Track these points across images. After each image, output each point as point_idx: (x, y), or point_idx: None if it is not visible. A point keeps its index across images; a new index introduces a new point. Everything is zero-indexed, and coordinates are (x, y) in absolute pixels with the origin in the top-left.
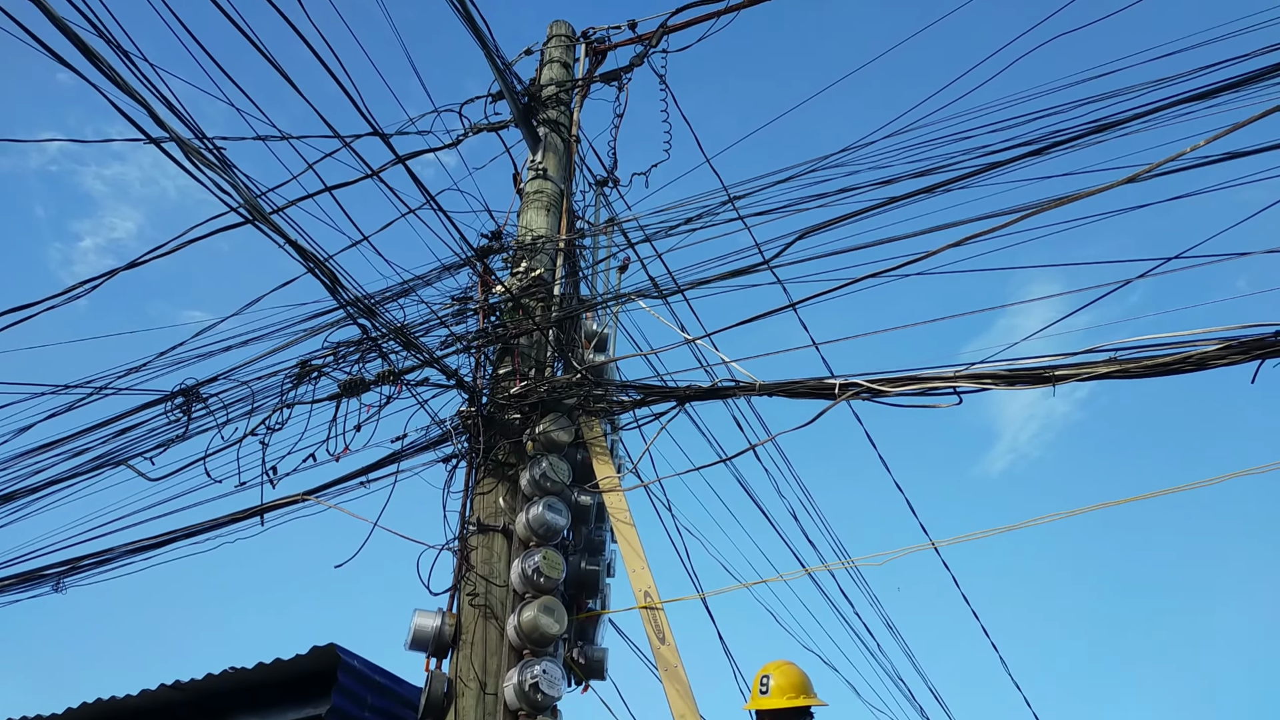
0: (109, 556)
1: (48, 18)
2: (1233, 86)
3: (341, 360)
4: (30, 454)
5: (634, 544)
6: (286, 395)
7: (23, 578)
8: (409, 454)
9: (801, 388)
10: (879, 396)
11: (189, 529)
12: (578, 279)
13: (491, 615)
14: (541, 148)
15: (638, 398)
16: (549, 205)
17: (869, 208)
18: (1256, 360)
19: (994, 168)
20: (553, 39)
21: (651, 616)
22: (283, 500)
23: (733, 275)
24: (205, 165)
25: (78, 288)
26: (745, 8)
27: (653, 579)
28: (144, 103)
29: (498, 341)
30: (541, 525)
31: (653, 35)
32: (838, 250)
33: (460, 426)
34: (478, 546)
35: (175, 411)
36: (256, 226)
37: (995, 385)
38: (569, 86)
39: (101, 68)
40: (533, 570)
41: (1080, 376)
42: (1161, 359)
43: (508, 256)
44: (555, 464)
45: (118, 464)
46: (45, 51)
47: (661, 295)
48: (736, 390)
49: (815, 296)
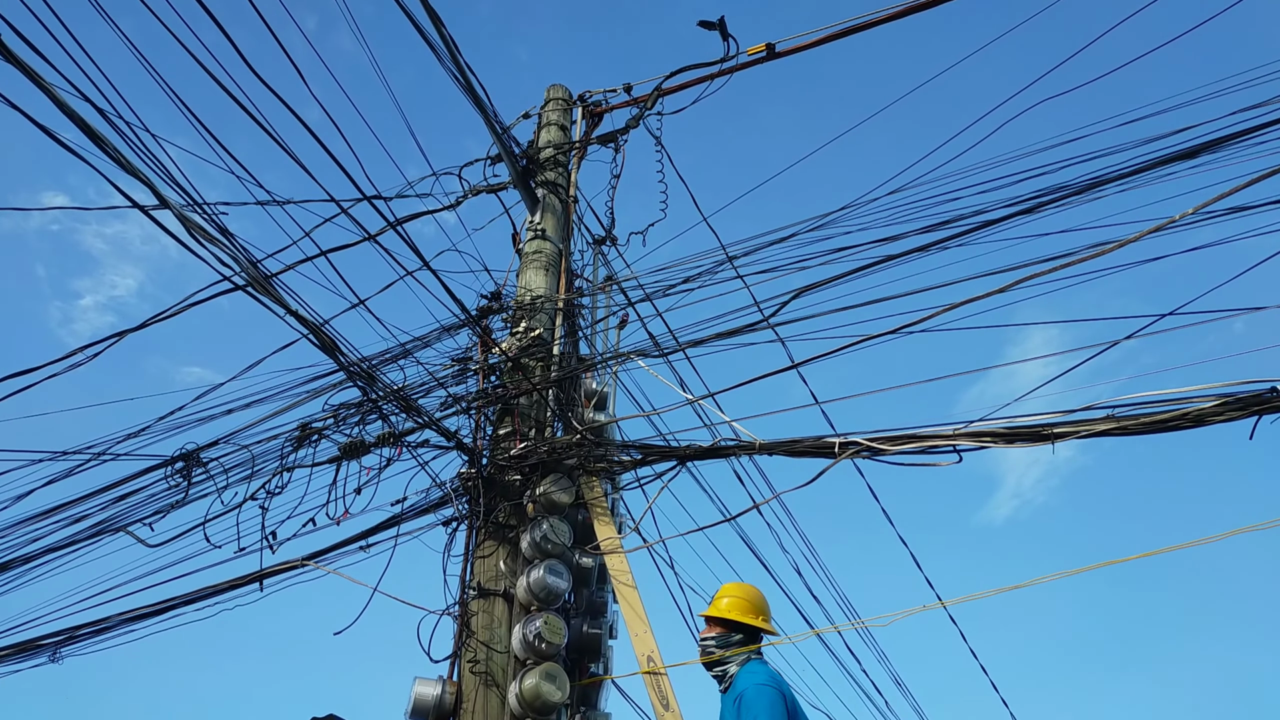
0: (107, 625)
1: (49, 99)
2: (1215, 144)
3: (341, 423)
4: (28, 521)
5: (636, 607)
6: (286, 458)
7: (19, 648)
8: (409, 517)
9: (802, 447)
10: (879, 455)
11: (188, 596)
12: (577, 338)
13: (492, 683)
14: (540, 208)
15: (638, 457)
16: (548, 265)
17: (865, 266)
18: (1254, 416)
19: (989, 225)
20: (550, 102)
21: (655, 682)
22: (282, 565)
23: (731, 334)
24: (204, 237)
25: (78, 353)
26: (738, 71)
27: (655, 643)
28: (143, 178)
29: (497, 402)
30: (543, 589)
31: (648, 98)
32: (836, 309)
33: (460, 488)
34: (478, 612)
35: (175, 476)
36: (256, 298)
37: (995, 443)
38: (566, 149)
39: (103, 145)
40: (534, 636)
41: (1079, 434)
42: (1160, 415)
43: (507, 316)
44: (556, 526)
45: (117, 530)
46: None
47: (662, 353)
48: (737, 449)
49: (817, 357)
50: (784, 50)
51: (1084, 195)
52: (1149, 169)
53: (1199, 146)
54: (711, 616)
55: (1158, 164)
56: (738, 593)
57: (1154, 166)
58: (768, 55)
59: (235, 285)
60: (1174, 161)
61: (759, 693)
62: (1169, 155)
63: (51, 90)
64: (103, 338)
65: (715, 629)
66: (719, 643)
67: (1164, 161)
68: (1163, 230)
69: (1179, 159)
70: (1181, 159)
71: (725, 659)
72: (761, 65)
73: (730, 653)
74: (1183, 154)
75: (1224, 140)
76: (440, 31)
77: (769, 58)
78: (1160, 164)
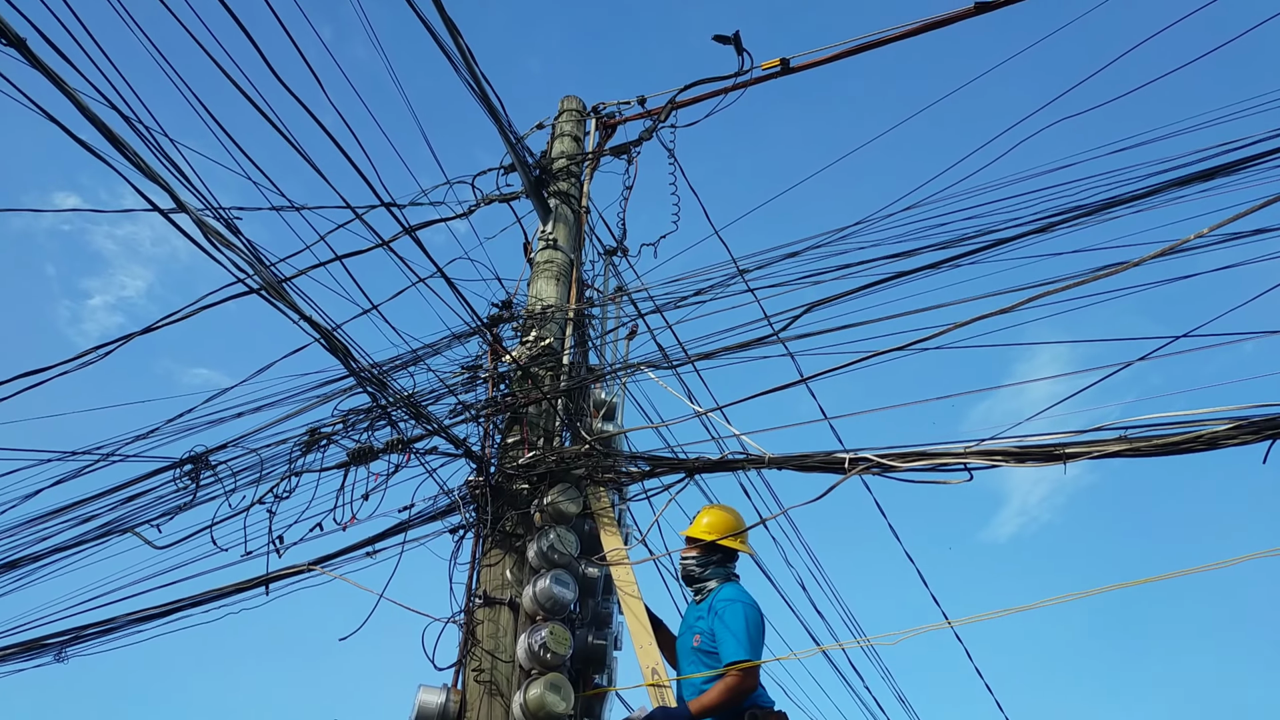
0: (113, 626)
1: (69, 99)
2: (1230, 168)
3: (350, 428)
4: (36, 521)
5: (641, 619)
6: (295, 463)
7: (25, 646)
8: (416, 524)
9: (812, 462)
10: (889, 472)
11: (194, 598)
12: (586, 348)
13: (497, 692)
14: (552, 218)
15: (647, 468)
16: (559, 275)
17: (877, 282)
18: (1268, 440)
19: (1001, 243)
20: (564, 113)
21: (659, 694)
22: (289, 570)
23: (741, 347)
24: (219, 241)
25: (90, 353)
26: (752, 85)
27: (660, 655)
28: (161, 181)
29: (506, 410)
30: (549, 599)
31: (662, 110)
32: (847, 324)
33: (468, 496)
34: (484, 620)
35: (183, 479)
36: (270, 302)
37: (1006, 463)
38: (579, 160)
39: (122, 149)
40: (539, 646)
41: (1091, 454)
42: (1172, 438)
43: (517, 325)
44: (563, 535)
45: (124, 531)
46: (64, 131)
47: (671, 365)
48: (746, 463)
49: (827, 372)
50: (799, 65)
51: (1098, 215)
52: (1163, 190)
53: (1214, 169)
54: (692, 537)
55: (1172, 185)
56: (717, 515)
57: (1168, 188)
58: (782, 70)
59: (249, 288)
60: (1189, 183)
61: (744, 608)
62: (1184, 177)
63: (73, 94)
64: (113, 339)
65: (695, 549)
66: (699, 562)
67: (1179, 183)
68: (1175, 252)
69: (1194, 181)
70: (1196, 181)
71: (705, 576)
72: (775, 80)
73: (708, 571)
74: (1198, 176)
75: (1239, 163)
76: (456, 40)
77: (784, 72)
78: (1175, 185)
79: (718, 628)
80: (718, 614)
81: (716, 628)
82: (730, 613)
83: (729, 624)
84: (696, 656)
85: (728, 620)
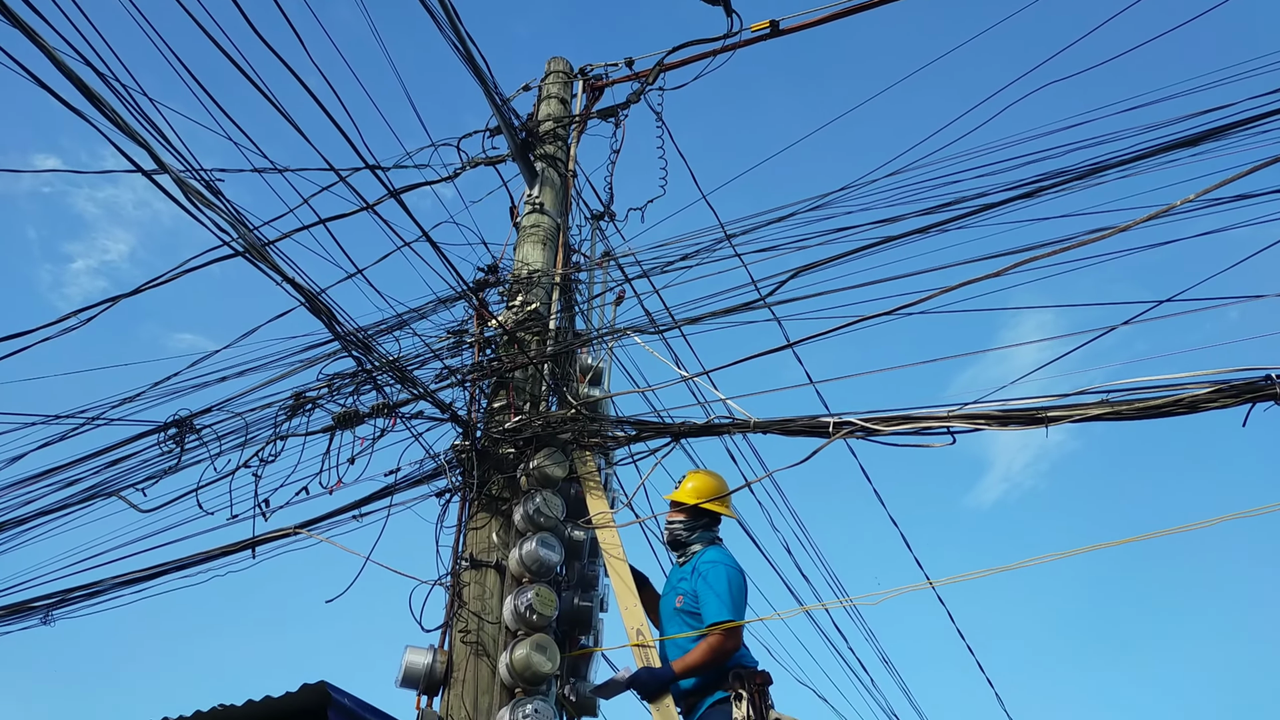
0: (99, 589)
1: (48, 58)
2: (1218, 132)
3: (336, 392)
4: (21, 484)
5: (626, 581)
6: (280, 427)
7: (11, 609)
8: (402, 487)
9: (796, 426)
10: (873, 436)
11: (180, 561)
12: (573, 313)
13: (483, 653)
14: (538, 182)
15: (633, 433)
16: (545, 239)
17: (864, 247)
18: (1247, 404)
19: (989, 208)
20: (550, 75)
21: (644, 654)
22: (275, 533)
23: (728, 312)
24: (201, 202)
25: (72, 316)
26: (741, 48)
27: (645, 616)
28: (142, 141)
29: (492, 375)
30: (535, 561)
31: (649, 73)
32: (834, 289)
33: (454, 460)
34: (470, 582)
35: (168, 443)
36: (254, 264)
37: (988, 426)
38: (566, 122)
39: (101, 108)
40: (526, 607)
41: (1073, 418)
42: (1153, 401)
43: (503, 290)
44: (549, 499)
45: (110, 495)
46: (44, 89)
47: (658, 330)
48: (731, 427)
49: (813, 337)
50: (788, 28)
51: (1085, 180)
52: (1150, 155)
53: (1201, 134)
54: (677, 501)
55: (1159, 150)
56: (702, 479)
57: (1156, 153)
58: (771, 32)
59: (234, 251)
60: (1176, 149)
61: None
62: (1171, 142)
63: (52, 52)
64: (96, 302)
65: (680, 513)
66: (685, 527)
67: (1166, 148)
68: (1162, 217)
69: (1181, 146)
70: (1183, 146)
71: (690, 540)
72: (763, 44)
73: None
74: (1185, 141)
75: (1226, 128)
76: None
77: (772, 34)
78: (1162, 150)
79: (701, 589)
80: (701, 575)
81: (700, 588)
82: (713, 574)
83: (712, 585)
84: (680, 617)
85: (711, 581)
